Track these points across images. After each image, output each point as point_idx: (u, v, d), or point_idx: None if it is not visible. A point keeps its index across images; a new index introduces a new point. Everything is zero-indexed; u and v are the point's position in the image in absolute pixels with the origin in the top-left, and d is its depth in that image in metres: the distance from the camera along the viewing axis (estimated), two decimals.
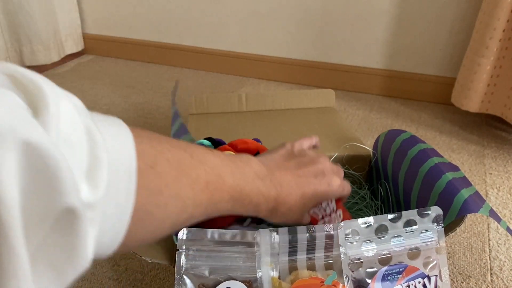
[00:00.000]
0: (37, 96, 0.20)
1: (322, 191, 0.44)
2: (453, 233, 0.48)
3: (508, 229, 0.45)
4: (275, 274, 0.43)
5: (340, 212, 0.46)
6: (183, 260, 0.43)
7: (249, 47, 1.38)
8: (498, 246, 0.65)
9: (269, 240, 0.43)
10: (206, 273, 0.43)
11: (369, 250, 0.43)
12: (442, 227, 0.44)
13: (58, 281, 0.20)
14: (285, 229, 0.43)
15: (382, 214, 0.43)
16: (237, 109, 0.87)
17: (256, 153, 0.57)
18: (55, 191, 0.18)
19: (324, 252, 0.43)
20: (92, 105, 1.15)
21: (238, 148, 0.59)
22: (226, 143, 0.63)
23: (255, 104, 0.88)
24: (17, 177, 0.17)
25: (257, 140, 0.65)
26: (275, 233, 0.43)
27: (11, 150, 0.17)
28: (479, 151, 0.95)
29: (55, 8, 1.42)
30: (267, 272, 0.43)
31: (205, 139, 0.61)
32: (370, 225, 0.43)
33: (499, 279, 0.59)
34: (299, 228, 0.43)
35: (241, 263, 0.43)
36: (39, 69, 1.41)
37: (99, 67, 1.48)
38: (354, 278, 0.43)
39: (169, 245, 0.47)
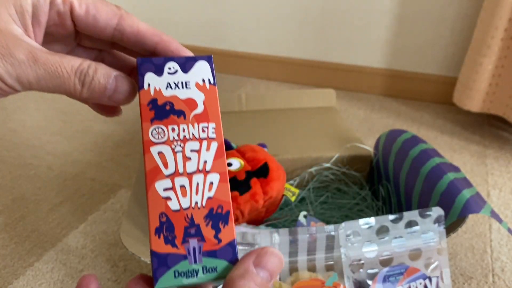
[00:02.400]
0: None
1: None
2: (454, 234, 0.47)
3: (509, 230, 0.45)
4: None
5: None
6: None
7: (249, 46, 1.38)
8: (500, 247, 0.65)
9: (269, 241, 0.42)
10: None
11: (370, 251, 0.43)
12: (444, 227, 0.44)
13: None
14: (285, 230, 0.42)
15: (383, 215, 0.43)
16: (237, 109, 0.86)
17: (263, 163, 0.57)
18: None
19: (325, 253, 0.43)
20: None
21: (246, 156, 0.58)
22: (232, 144, 0.63)
23: (255, 104, 0.87)
24: None
25: (263, 145, 0.65)
26: (275, 234, 0.42)
27: None
28: (480, 151, 0.94)
29: None
30: None
31: None
32: (371, 226, 0.42)
33: (501, 280, 0.59)
34: (299, 229, 0.42)
35: None
36: None
37: None
38: (355, 279, 0.42)
39: None
